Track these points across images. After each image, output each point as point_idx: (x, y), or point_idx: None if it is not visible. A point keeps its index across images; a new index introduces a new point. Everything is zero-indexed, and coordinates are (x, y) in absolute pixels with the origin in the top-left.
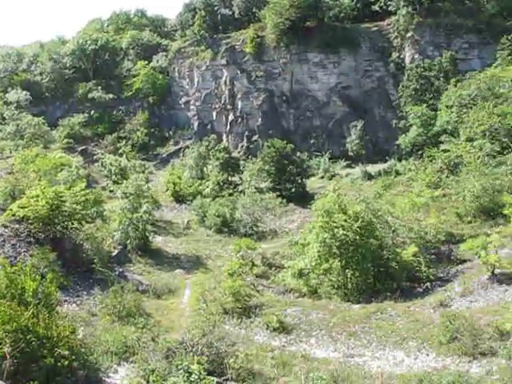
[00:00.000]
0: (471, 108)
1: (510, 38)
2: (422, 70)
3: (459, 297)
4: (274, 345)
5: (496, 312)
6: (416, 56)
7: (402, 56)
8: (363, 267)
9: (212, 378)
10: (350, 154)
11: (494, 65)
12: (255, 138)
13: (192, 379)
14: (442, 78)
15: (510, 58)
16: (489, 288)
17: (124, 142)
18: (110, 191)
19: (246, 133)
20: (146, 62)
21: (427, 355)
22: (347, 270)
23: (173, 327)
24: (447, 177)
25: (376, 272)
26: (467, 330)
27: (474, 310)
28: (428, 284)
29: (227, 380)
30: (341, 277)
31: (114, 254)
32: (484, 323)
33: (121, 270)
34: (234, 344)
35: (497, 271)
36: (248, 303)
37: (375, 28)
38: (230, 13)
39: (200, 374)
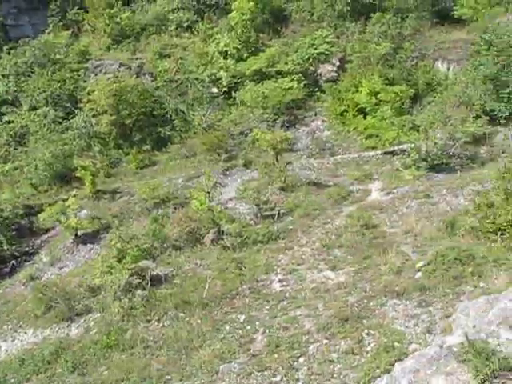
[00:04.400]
0: (30, 76)
1: (58, 4)
2: None
3: (48, 266)
4: None
5: (85, 271)
6: None
7: None
8: None
9: None
10: None
11: (47, 31)
12: None
13: None
14: None
15: (60, 24)
16: (75, 251)
17: None
18: None
19: None
20: None
21: (25, 333)
22: None
23: None
24: (15, 149)
25: None
26: (60, 296)
27: (64, 276)
28: (14, 262)
29: None
30: None
31: None
32: (75, 285)
33: None
34: None
35: (80, 233)
36: None
37: None
38: None
39: None
